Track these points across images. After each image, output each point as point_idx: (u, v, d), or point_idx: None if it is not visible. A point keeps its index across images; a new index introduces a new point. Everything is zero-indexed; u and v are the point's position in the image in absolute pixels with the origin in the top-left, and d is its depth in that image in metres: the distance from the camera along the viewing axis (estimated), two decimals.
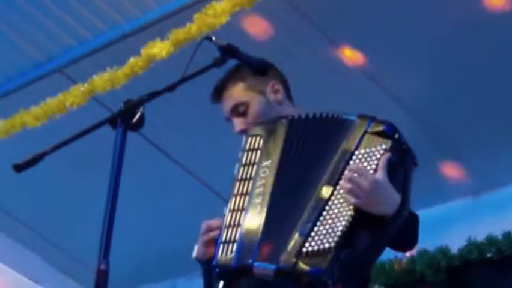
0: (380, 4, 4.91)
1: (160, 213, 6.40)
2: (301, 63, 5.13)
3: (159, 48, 5.04)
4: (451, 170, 5.63)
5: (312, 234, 2.29)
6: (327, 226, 2.29)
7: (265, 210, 2.41)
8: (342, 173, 2.39)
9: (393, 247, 2.58)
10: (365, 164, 2.40)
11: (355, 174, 2.34)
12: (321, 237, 2.28)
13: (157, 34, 5.18)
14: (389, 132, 2.47)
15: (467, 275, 5.54)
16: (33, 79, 6.02)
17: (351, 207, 2.32)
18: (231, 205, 2.49)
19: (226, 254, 2.40)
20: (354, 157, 2.42)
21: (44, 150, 2.20)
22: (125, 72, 5.27)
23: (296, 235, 2.31)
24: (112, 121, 2.22)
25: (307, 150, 2.51)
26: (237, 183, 2.52)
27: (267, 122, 2.65)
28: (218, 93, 2.86)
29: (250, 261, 2.34)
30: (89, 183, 6.19)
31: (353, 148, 2.44)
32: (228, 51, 2.58)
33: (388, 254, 5.70)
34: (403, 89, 5.29)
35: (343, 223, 2.29)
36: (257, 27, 5.13)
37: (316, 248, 2.27)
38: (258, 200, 2.44)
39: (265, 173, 2.49)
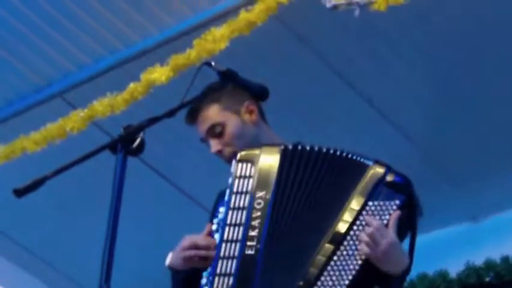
0: (374, 28, 4.93)
1: (162, 237, 6.38)
2: (302, 90, 5.16)
3: (159, 74, 5.05)
4: (450, 195, 5.63)
5: (319, 283, 2.27)
6: (334, 277, 2.27)
7: (261, 245, 2.37)
8: (354, 222, 2.36)
9: None
10: (377, 217, 2.36)
11: (375, 231, 2.32)
12: (328, 284, 2.27)
13: (156, 60, 5.20)
14: (403, 186, 2.45)
15: None
16: (33, 104, 6.02)
17: (359, 261, 2.31)
18: (224, 235, 2.42)
19: (221, 287, 2.37)
20: (367, 207, 2.39)
21: (44, 175, 2.18)
22: (125, 97, 5.27)
23: (301, 283, 2.29)
24: (112, 146, 2.21)
25: (310, 188, 2.44)
26: (230, 212, 2.44)
27: (255, 147, 2.56)
28: (193, 115, 2.75)
29: None
30: (90, 208, 6.19)
31: (366, 197, 2.40)
32: (227, 77, 2.58)
33: None
34: (402, 114, 5.30)
35: (350, 277, 2.28)
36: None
37: None
38: (253, 233, 2.39)
39: (261, 205, 2.42)
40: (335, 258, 2.31)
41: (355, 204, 2.39)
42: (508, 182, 5.41)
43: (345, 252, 2.32)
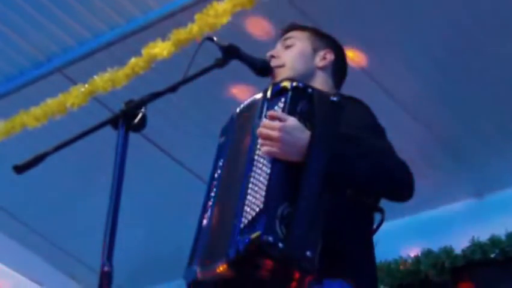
0: (384, 8, 4.89)
1: (165, 214, 6.40)
2: None
3: (160, 48, 5.04)
4: (455, 172, 5.62)
5: (245, 208, 2.22)
6: (253, 194, 2.23)
7: (211, 212, 2.45)
8: (255, 146, 2.34)
9: (385, 195, 2.49)
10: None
11: (262, 128, 2.31)
12: (252, 206, 2.21)
13: (158, 34, 5.17)
14: (285, 86, 2.38)
15: (471, 275, 5.55)
16: (33, 79, 6.02)
17: (268, 165, 2.26)
18: (201, 211, 2.53)
19: (189, 264, 2.43)
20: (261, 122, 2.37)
21: (45, 151, 2.18)
22: (126, 72, 5.26)
23: (234, 221, 2.25)
24: (113, 122, 2.20)
25: (237, 142, 2.51)
26: (207, 187, 2.57)
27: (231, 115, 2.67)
28: (287, 28, 2.90)
29: (195, 270, 2.37)
30: (92, 185, 6.20)
31: (259, 119, 2.39)
32: (229, 52, 2.59)
33: (393, 254, 5.76)
34: (408, 92, 5.30)
35: (265, 182, 2.22)
36: (258, 27, 5.12)
37: (250, 217, 2.20)
38: (210, 203, 2.48)
39: (218, 173, 2.53)
40: (251, 180, 2.27)
41: (254, 130, 2.39)
42: None
43: (257, 170, 2.28)
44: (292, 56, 2.78)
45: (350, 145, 2.35)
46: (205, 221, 2.46)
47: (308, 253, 2.16)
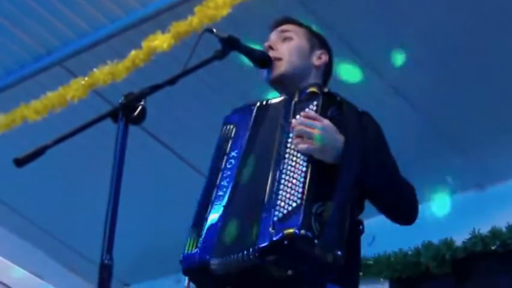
0: (387, 2, 4.90)
1: (164, 207, 6.41)
2: None
3: (160, 41, 5.04)
4: (456, 163, 5.62)
5: (278, 202, 2.25)
6: (288, 189, 2.26)
7: (226, 203, 2.44)
8: (286, 142, 2.38)
9: (390, 216, 2.55)
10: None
11: (301, 125, 2.35)
12: (287, 200, 2.24)
13: (157, 27, 5.18)
14: (316, 91, 2.46)
15: (472, 267, 5.56)
16: (34, 72, 6.03)
17: (303, 163, 2.30)
18: (202, 198, 2.52)
19: (191, 249, 2.42)
20: (292, 124, 2.41)
21: (45, 144, 2.17)
22: (126, 65, 5.26)
23: (263, 214, 2.28)
24: (113, 115, 2.20)
25: (260, 137, 2.53)
26: (209, 176, 2.56)
27: (242, 107, 2.69)
28: (282, 21, 2.89)
29: (208, 257, 2.36)
30: (92, 178, 6.20)
31: (290, 119, 2.44)
32: (229, 43, 2.59)
33: (392, 247, 5.76)
34: (408, 82, 5.28)
35: (301, 179, 2.26)
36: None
37: (285, 211, 2.23)
38: (220, 193, 2.47)
39: (231, 164, 2.51)
40: (283, 177, 2.30)
41: (282, 130, 2.45)
42: None
43: (289, 167, 2.32)
44: (290, 49, 2.77)
45: (372, 156, 2.44)
46: (215, 211, 2.44)
47: (339, 252, 2.23)
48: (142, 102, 2.21)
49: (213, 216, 2.43)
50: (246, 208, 2.38)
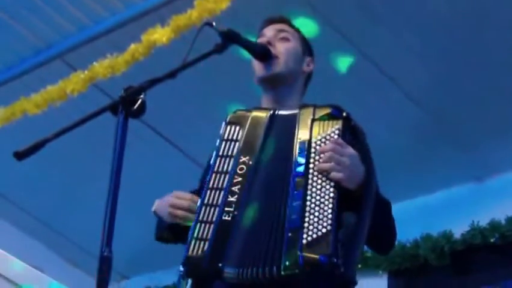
0: (387, 4, 4.91)
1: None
2: None
3: (160, 35, 5.04)
4: (455, 156, 5.63)
5: (305, 225, 2.25)
6: (316, 213, 2.26)
7: (237, 211, 2.37)
8: (308, 162, 2.37)
9: (371, 245, 2.56)
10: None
11: (332, 152, 2.34)
12: (315, 225, 2.24)
13: (157, 20, 5.18)
14: (335, 113, 2.47)
15: (471, 259, 5.59)
16: (34, 66, 6.04)
17: (331, 189, 2.30)
18: (205, 199, 2.43)
19: (197, 252, 2.33)
20: (313, 144, 2.41)
21: (45, 138, 2.17)
22: (126, 58, 5.27)
23: (289, 233, 2.26)
24: (113, 108, 2.20)
25: (277, 150, 2.49)
26: (213, 176, 2.46)
27: (247, 110, 2.65)
28: (278, 19, 2.88)
29: (220, 265, 2.30)
30: (92, 171, 6.21)
31: (308, 137, 2.43)
32: (228, 37, 2.58)
33: None
34: (407, 76, 5.29)
35: (330, 205, 2.27)
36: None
37: (315, 236, 2.23)
38: (232, 199, 2.39)
39: (243, 170, 2.45)
40: (308, 198, 2.30)
41: (301, 147, 2.43)
42: None
43: (314, 189, 2.32)
44: (287, 50, 2.76)
45: None
46: (226, 217, 2.38)
47: (355, 278, 2.31)
48: (141, 96, 2.21)
49: (224, 222, 2.36)
50: (263, 222, 2.34)
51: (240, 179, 2.43)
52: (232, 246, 2.32)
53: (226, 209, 2.38)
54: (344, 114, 2.46)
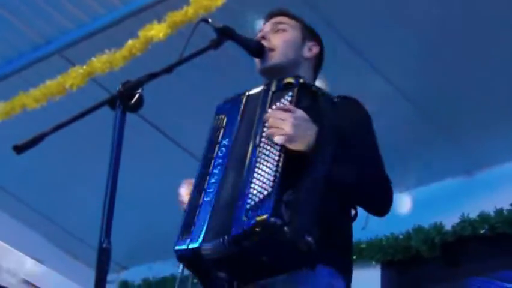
0: None
1: (161, 192, 6.41)
2: None
3: (156, 31, 5.06)
4: (445, 149, 5.67)
5: (251, 190, 2.29)
6: (261, 178, 2.30)
7: (216, 190, 2.46)
8: (262, 133, 2.42)
9: (365, 206, 2.56)
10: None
11: (271, 115, 2.39)
12: (259, 189, 2.29)
13: (154, 17, 5.20)
14: (294, 82, 2.49)
15: (461, 250, 5.61)
16: (33, 61, 6.04)
17: (276, 152, 2.34)
18: (194, 186, 2.54)
19: (183, 237, 2.44)
20: (265, 118, 2.45)
21: (44, 131, 2.21)
22: (124, 54, 5.28)
23: (239, 202, 2.32)
24: (111, 102, 2.24)
25: (243, 127, 2.57)
26: (201, 162, 2.58)
27: (233, 97, 2.72)
28: (277, 12, 2.94)
29: (198, 243, 2.37)
30: (90, 163, 6.23)
31: (266, 109, 2.48)
32: (224, 33, 2.64)
33: (384, 231, 5.83)
34: (396, 70, 5.31)
35: (274, 168, 2.30)
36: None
37: (257, 199, 2.27)
38: (213, 180, 2.49)
39: (223, 152, 2.54)
40: (257, 166, 2.35)
41: (259, 119, 2.49)
42: (501, 136, 5.42)
43: (262, 157, 2.36)
44: (283, 41, 2.82)
45: (344, 148, 2.44)
46: (207, 198, 2.46)
47: (310, 238, 2.26)
48: (139, 90, 2.25)
49: (205, 203, 2.46)
50: (229, 196, 2.41)
51: (220, 160, 2.52)
52: (209, 224, 2.40)
53: (208, 190, 2.48)
54: (301, 81, 2.48)
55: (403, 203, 5.80)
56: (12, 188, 7.27)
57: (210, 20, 2.64)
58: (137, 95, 2.25)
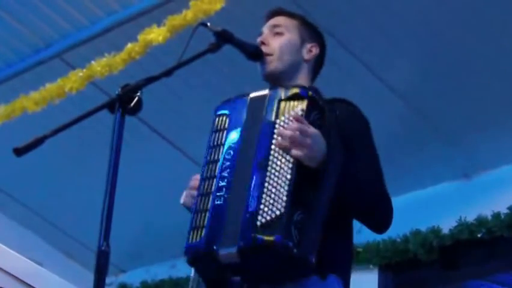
0: None
1: (159, 195, 6.42)
2: None
3: (156, 34, 5.07)
4: (442, 153, 5.67)
5: (261, 207, 2.29)
6: (273, 196, 2.29)
7: (227, 194, 2.42)
8: (270, 143, 2.39)
9: (365, 223, 2.57)
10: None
11: (292, 132, 2.35)
12: (270, 207, 2.28)
13: (153, 20, 5.22)
14: (302, 93, 2.46)
15: (458, 254, 5.61)
16: (33, 64, 6.07)
17: (289, 170, 2.32)
18: (201, 188, 2.49)
19: (195, 239, 2.40)
20: (276, 125, 2.42)
21: (44, 134, 2.21)
22: (123, 57, 5.30)
23: (246, 215, 2.31)
24: (110, 106, 2.25)
25: (249, 131, 2.52)
26: (206, 166, 2.51)
27: (234, 98, 2.67)
28: (275, 13, 2.91)
29: (215, 247, 2.35)
30: (89, 166, 6.25)
31: (273, 118, 2.44)
32: (223, 37, 2.64)
33: (382, 235, 5.83)
34: (393, 72, 5.32)
35: (286, 187, 2.30)
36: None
37: (269, 218, 2.27)
38: (222, 183, 2.44)
39: (230, 155, 2.49)
40: (266, 179, 2.33)
41: (264, 126, 2.46)
42: (499, 139, 5.43)
43: (273, 170, 2.34)
44: (281, 45, 2.79)
45: (347, 164, 2.45)
46: (218, 201, 2.42)
47: (313, 259, 2.30)
48: (138, 94, 2.25)
49: (217, 207, 2.41)
50: (241, 202, 2.37)
51: (228, 163, 2.47)
52: (224, 229, 2.37)
53: (217, 194, 2.43)
54: (310, 93, 2.45)
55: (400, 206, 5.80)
56: (12, 190, 7.28)
57: (208, 24, 2.64)
58: (136, 98, 2.25)
